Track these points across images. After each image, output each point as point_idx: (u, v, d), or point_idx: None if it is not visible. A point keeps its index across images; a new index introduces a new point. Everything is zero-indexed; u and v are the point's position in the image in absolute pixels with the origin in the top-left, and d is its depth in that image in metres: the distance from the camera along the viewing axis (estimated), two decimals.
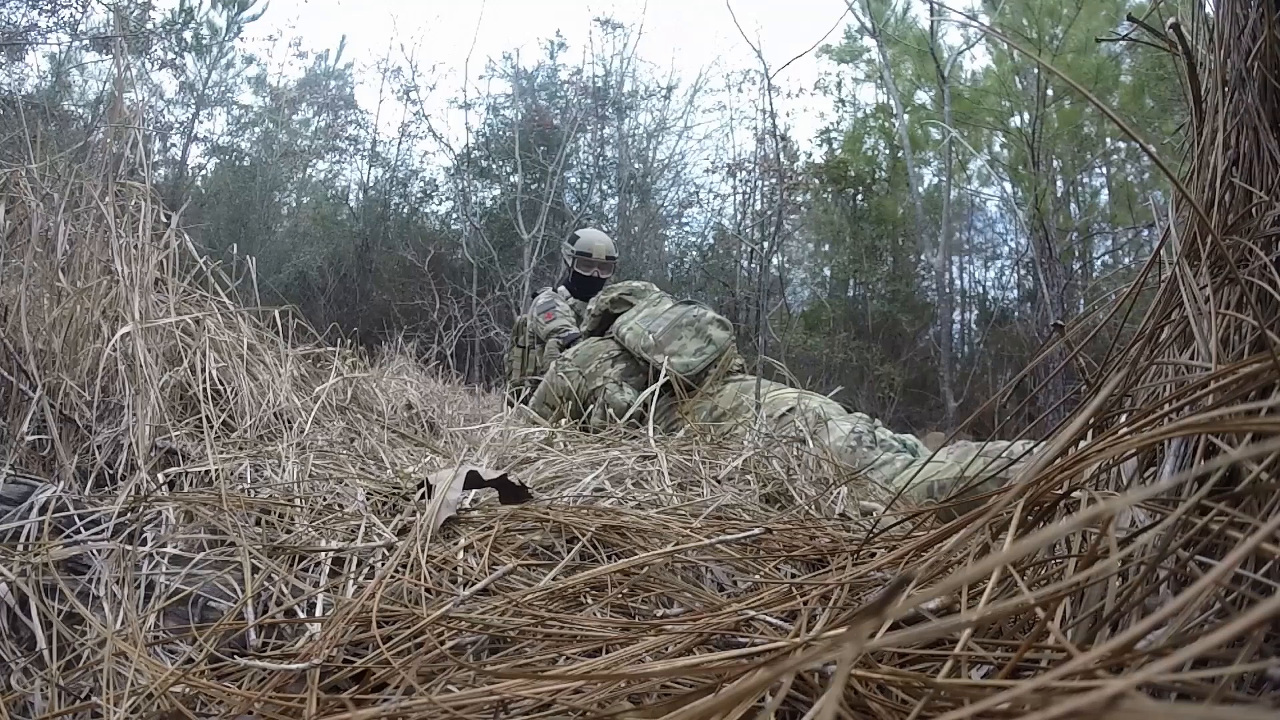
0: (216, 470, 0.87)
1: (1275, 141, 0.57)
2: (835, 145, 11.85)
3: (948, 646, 0.43)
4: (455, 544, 0.71)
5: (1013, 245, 10.97)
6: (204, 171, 10.85)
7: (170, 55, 9.62)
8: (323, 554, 0.70)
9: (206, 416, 1.03)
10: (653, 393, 1.58)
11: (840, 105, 11.72)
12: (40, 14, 7.69)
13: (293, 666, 0.53)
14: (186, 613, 0.64)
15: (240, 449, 1.00)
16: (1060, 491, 0.47)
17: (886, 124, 11.64)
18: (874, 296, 11.43)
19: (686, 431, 1.43)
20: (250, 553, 0.68)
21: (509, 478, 0.84)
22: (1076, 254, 10.09)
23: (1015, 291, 11.01)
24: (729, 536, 0.74)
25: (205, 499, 0.78)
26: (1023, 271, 10.51)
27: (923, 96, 11.08)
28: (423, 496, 0.84)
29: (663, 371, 1.73)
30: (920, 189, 10.83)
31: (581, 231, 3.06)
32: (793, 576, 0.68)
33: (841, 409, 1.75)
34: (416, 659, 0.52)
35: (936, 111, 10.02)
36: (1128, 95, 9.21)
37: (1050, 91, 9.29)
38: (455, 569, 0.68)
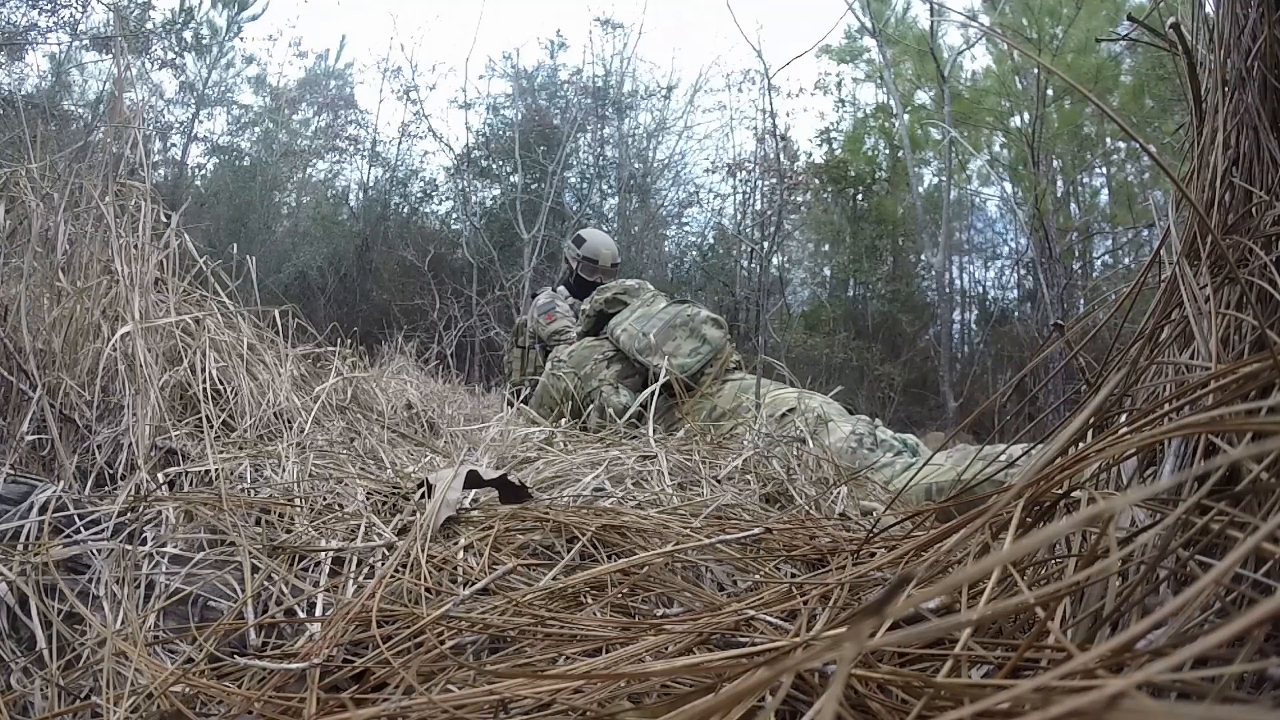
0: (216, 470, 0.87)
1: (1275, 141, 0.57)
2: (835, 145, 11.85)
3: (948, 646, 0.43)
4: (455, 544, 0.71)
5: (1013, 245, 10.98)
6: (204, 171, 10.86)
7: (170, 55, 9.61)
8: (323, 554, 0.70)
9: (206, 416, 1.03)
10: (652, 393, 1.58)
11: (840, 105, 11.73)
12: (40, 14, 7.69)
13: (293, 666, 0.53)
14: (186, 613, 0.64)
15: (240, 449, 1.00)
16: (1060, 491, 0.47)
17: (886, 124, 11.64)
18: (874, 296, 11.42)
19: (686, 431, 1.43)
20: (250, 552, 0.68)
21: (509, 478, 0.84)
22: (1076, 254, 10.08)
23: (1015, 291, 11.02)
24: (729, 536, 0.74)
25: (205, 499, 0.78)
26: (1023, 271, 10.51)
27: (923, 96, 11.07)
28: (423, 496, 0.84)
29: (661, 373, 1.73)
30: (920, 189, 10.83)
31: (587, 235, 2.92)
32: (793, 576, 0.68)
33: (842, 409, 1.75)
34: (416, 659, 0.52)
35: (936, 111, 10.01)
36: (1128, 95, 9.21)
37: (1050, 91, 9.28)
38: (455, 569, 0.68)
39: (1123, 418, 0.54)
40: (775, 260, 10.20)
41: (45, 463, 0.89)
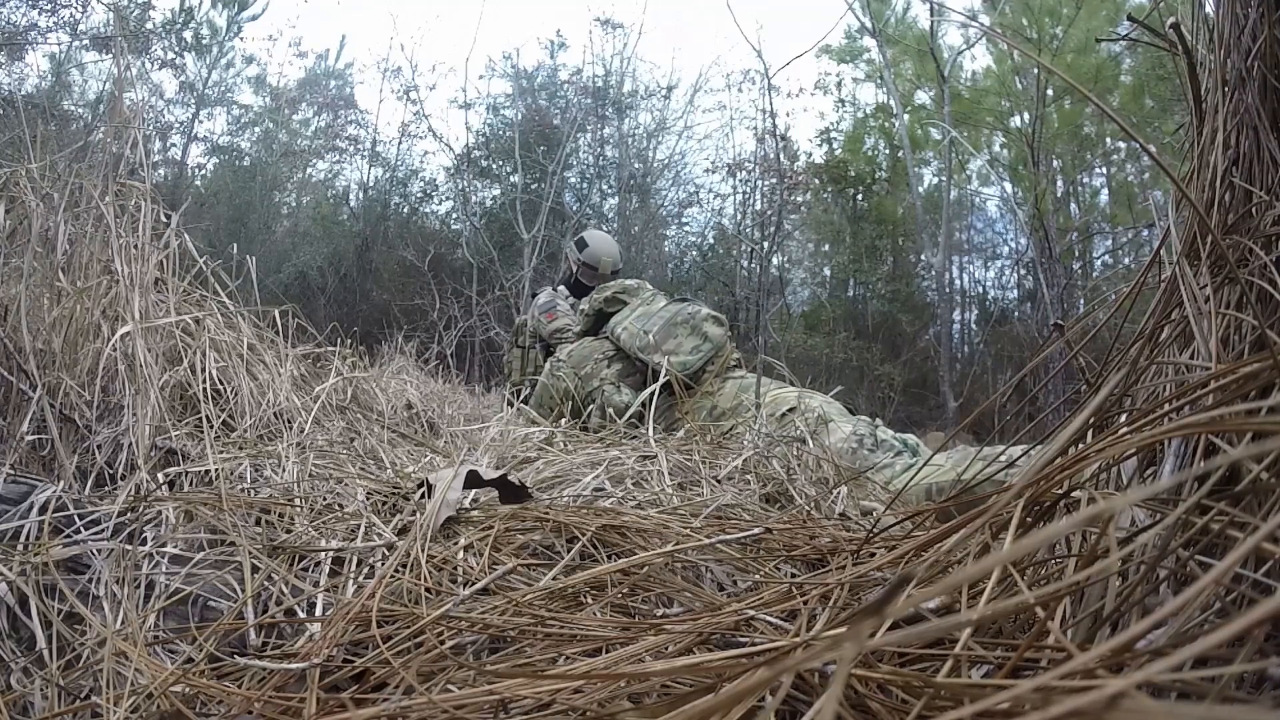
0: (216, 470, 0.87)
1: (1275, 141, 0.57)
2: (835, 145, 11.84)
3: (948, 646, 0.43)
4: (455, 544, 0.71)
5: (1013, 245, 10.97)
6: (204, 171, 10.87)
7: (170, 55, 9.61)
8: (323, 554, 0.70)
9: (206, 416, 1.03)
10: (653, 393, 1.58)
11: (840, 105, 11.72)
12: (40, 14, 7.69)
13: (293, 666, 0.53)
14: (186, 613, 0.64)
15: (240, 449, 1.00)
16: (1060, 491, 0.47)
17: (886, 124, 11.63)
18: (874, 296, 11.42)
19: (686, 431, 1.43)
20: (250, 552, 0.68)
21: (509, 477, 0.84)
22: (1076, 254, 10.08)
23: (1015, 291, 11.01)
24: (729, 536, 0.74)
25: (205, 499, 0.78)
26: (1023, 271, 10.50)
27: (923, 96, 11.07)
28: (423, 496, 0.84)
29: (662, 372, 1.73)
30: (920, 189, 10.83)
31: (590, 238, 2.87)
32: (793, 576, 0.68)
33: (843, 409, 1.75)
34: (416, 659, 0.52)
35: (936, 111, 10.01)
36: (1128, 95, 9.20)
37: (1050, 91, 9.28)
38: (455, 569, 0.68)
39: (1123, 418, 0.54)
40: (775, 260, 10.21)
41: (45, 463, 0.89)
